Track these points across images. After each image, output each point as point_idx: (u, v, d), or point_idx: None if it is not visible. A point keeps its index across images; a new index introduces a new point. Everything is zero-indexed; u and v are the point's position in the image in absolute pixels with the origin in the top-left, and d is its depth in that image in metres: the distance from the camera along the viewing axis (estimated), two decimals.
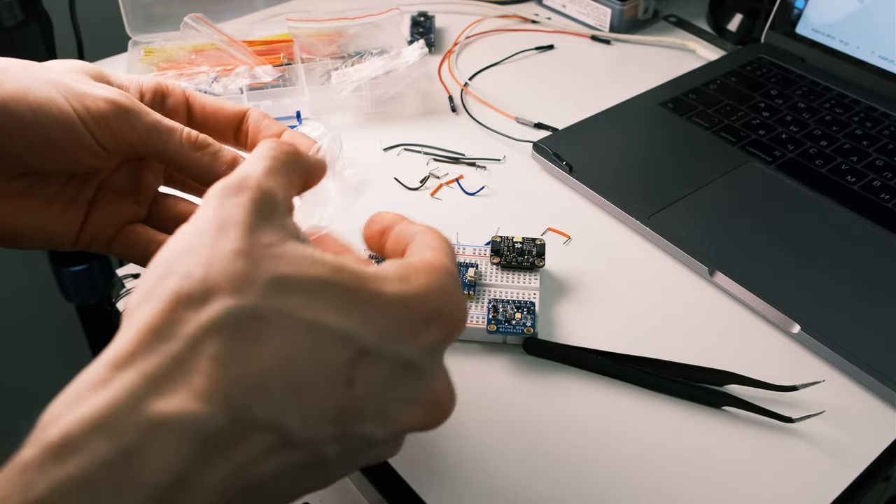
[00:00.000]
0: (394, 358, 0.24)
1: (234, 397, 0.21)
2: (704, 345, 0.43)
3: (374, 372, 0.24)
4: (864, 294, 0.44)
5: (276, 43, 0.66)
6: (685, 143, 0.57)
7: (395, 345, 0.24)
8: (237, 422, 0.21)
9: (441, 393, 0.27)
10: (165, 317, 0.21)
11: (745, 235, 0.49)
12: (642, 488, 0.36)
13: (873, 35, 0.62)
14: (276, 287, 0.22)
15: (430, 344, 0.25)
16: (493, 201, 0.53)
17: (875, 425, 0.39)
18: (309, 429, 0.22)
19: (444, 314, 0.25)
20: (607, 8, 0.73)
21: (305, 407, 0.22)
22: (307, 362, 0.22)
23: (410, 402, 0.25)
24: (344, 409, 0.23)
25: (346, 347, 0.23)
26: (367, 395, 0.23)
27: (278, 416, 0.22)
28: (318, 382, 0.22)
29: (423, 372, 0.25)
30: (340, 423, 0.23)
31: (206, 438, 0.20)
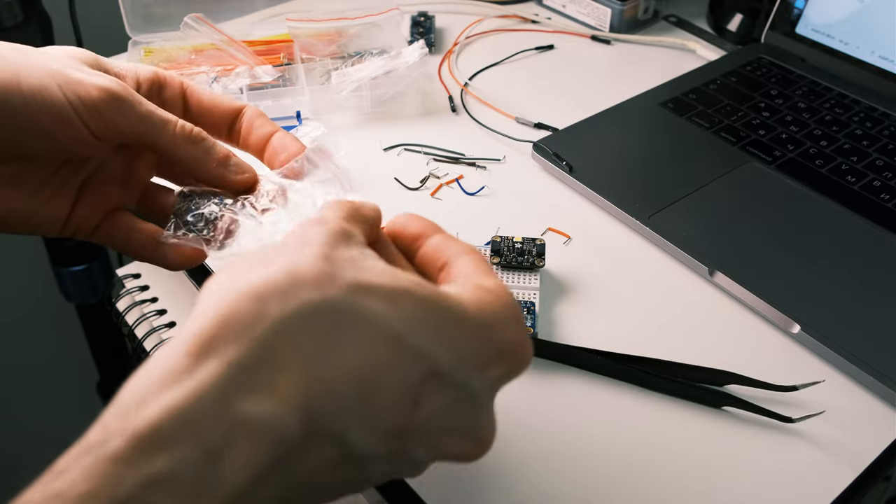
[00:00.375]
0: (461, 386, 0.23)
1: (312, 400, 0.20)
2: (704, 345, 0.43)
3: (441, 396, 0.23)
4: (864, 294, 0.44)
5: (276, 43, 0.66)
6: (685, 143, 0.57)
7: (466, 371, 0.23)
8: (309, 427, 0.20)
9: (487, 430, 0.26)
10: (249, 303, 0.21)
11: (745, 235, 0.49)
12: (642, 488, 0.36)
13: (873, 35, 0.62)
14: (358, 290, 0.22)
15: (497, 377, 0.25)
16: (493, 201, 0.53)
17: (875, 425, 0.39)
18: (367, 442, 0.22)
19: (518, 348, 0.25)
20: (607, 8, 0.73)
21: (370, 419, 0.22)
22: (381, 373, 0.22)
23: (460, 433, 0.25)
24: (403, 429, 0.23)
25: (421, 363, 0.22)
26: (427, 419, 0.23)
27: (343, 425, 0.21)
28: (388, 396, 0.22)
29: (481, 405, 0.25)
30: (396, 440, 0.23)
31: (282, 443, 0.20)
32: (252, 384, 0.20)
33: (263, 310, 0.21)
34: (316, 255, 0.22)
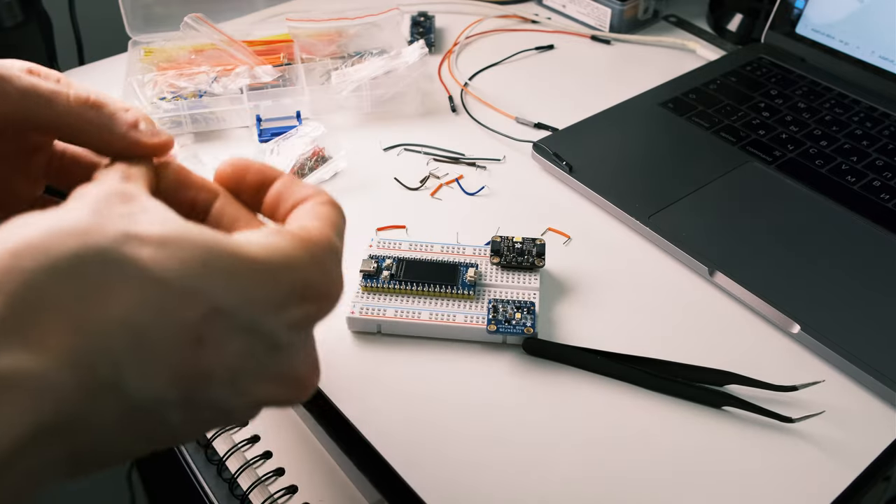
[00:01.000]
0: (251, 326, 0.23)
1: (81, 351, 0.19)
2: (704, 345, 0.43)
3: (228, 336, 0.22)
4: (864, 294, 0.44)
5: (276, 43, 0.66)
6: (685, 143, 0.57)
7: (254, 312, 0.23)
8: (84, 379, 0.19)
9: (302, 371, 0.26)
10: (6, 262, 0.19)
11: (745, 235, 0.49)
12: (642, 488, 0.36)
13: (873, 35, 0.62)
14: (126, 239, 0.21)
15: (296, 320, 0.24)
16: (493, 201, 0.53)
17: (875, 425, 0.39)
18: (148, 389, 0.21)
19: (314, 289, 0.24)
20: (607, 8, 0.73)
21: (145, 363, 0.21)
22: (151, 314, 0.20)
23: (268, 376, 0.24)
24: (190, 369, 0.22)
25: (195, 302, 0.21)
26: (217, 359, 0.22)
27: (119, 374, 0.20)
28: (162, 338, 0.21)
29: (284, 348, 0.24)
30: (185, 384, 0.22)
31: (57, 398, 0.19)
32: (9, 340, 0.19)
33: (16, 263, 0.19)
34: (83, 209, 0.21)
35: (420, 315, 0.42)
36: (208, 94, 0.59)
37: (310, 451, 0.42)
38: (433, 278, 0.43)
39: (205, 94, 0.59)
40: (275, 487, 0.40)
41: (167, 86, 0.59)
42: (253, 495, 0.40)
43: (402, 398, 0.40)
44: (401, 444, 0.37)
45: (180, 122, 0.58)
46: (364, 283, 0.43)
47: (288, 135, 0.55)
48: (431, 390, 0.40)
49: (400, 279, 0.43)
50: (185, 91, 0.59)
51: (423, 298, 0.43)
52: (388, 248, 0.46)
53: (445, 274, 0.44)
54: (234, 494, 0.41)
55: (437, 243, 0.46)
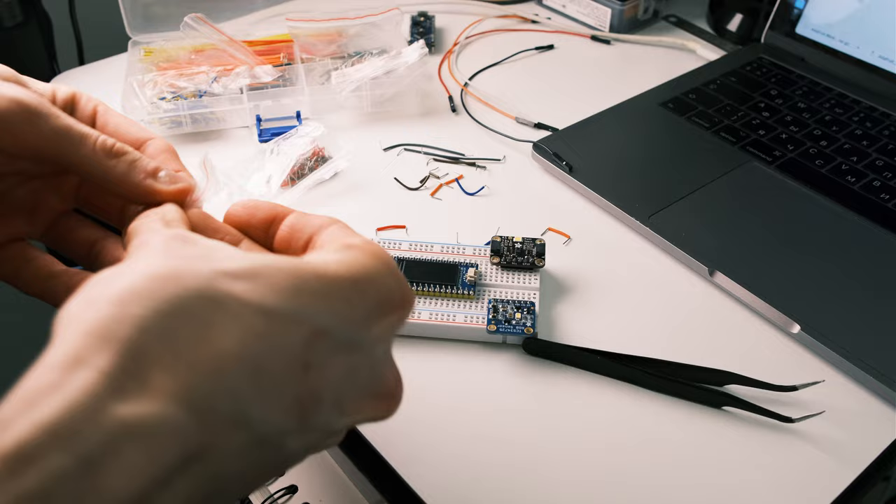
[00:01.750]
0: (349, 343, 0.23)
1: (197, 391, 0.20)
2: (704, 345, 0.43)
3: (332, 355, 0.23)
4: (864, 294, 0.44)
5: (276, 43, 0.66)
6: (685, 142, 0.57)
7: (349, 328, 0.23)
8: (203, 418, 0.20)
9: (391, 384, 0.26)
10: (111, 308, 0.20)
11: (745, 235, 0.49)
12: (642, 488, 0.36)
13: (873, 35, 0.62)
14: (219, 276, 0.21)
15: (384, 331, 0.25)
16: (493, 201, 0.53)
17: (875, 425, 0.39)
18: (272, 418, 0.21)
19: (395, 299, 0.25)
20: (607, 8, 0.73)
21: (266, 394, 0.21)
22: (262, 345, 0.21)
23: (365, 391, 0.25)
24: (303, 396, 0.22)
25: (299, 327, 0.22)
26: (324, 381, 0.23)
27: (241, 407, 0.20)
28: (276, 366, 0.21)
29: (377, 360, 0.25)
30: (301, 411, 0.22)
31: (175, 442, 0.19)
32: (127, 387, 0.19)
33: (126, 311, 0.20)
34: (164, 256, 0.22)
35: (420, 315, 0.42)
36: (208, 94, 0.59)
37: None
38: (433, 278, 0.43)
39: (205, 94, 0.59)
40: (275, 487, 0.40)
41: (167, 86, 0.59)
42: (253, 495, 0.40)
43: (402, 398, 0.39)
44: (401, 444, 0.37)
45: (180, 122, 0.58)
46: None
47: (288, 135, 0.55)
48: (431, 390, 0.40)
49: None
50: (185, 91, 0.59)
51: (423, 298, 0.43)
52: (389, 248, 0.46)
53: (445, 274, 0.44)
54: None
55: (437, 243, 0.46)
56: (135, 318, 0.20)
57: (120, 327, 0.20)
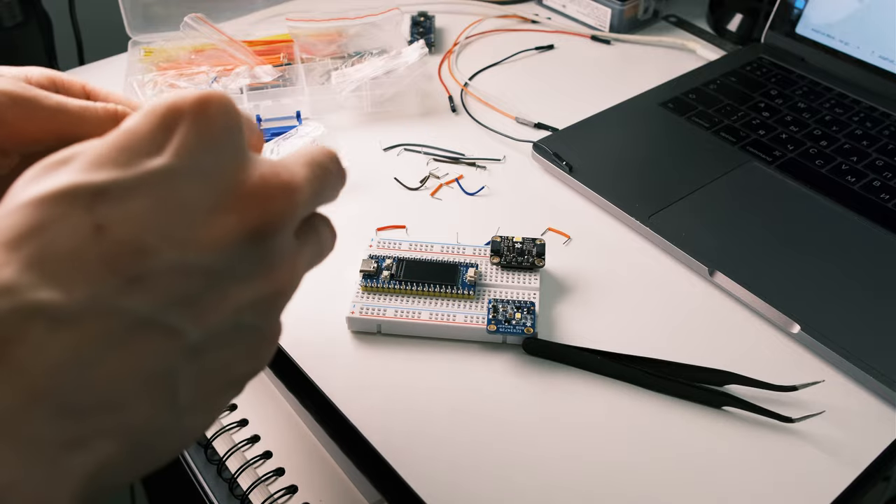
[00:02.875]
0: (139, 179, 0.21)
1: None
2: (704, 345, 0.43)
3: (124, 204, 0.20)
4: (864, 294, 0.44)
5: (276, 43, 0.66)
6: (685, 142, 0.57)
7: (131, 166, 0.21)
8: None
9: (255, 182, 0.22)
10: None
11: (745, 235, 0.49)
12: (642, 488, 0.36)
13: (873, 35, 0.62)
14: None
15: (184, 143, 0.22)
16: (493, 201, 0.53)
17: (875, 425, 0.39)
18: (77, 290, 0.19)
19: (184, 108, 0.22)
20: (607, 8, 0.73)
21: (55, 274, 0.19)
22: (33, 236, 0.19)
23: (211, 209, 0.22)
24: (110, 255, 0.20)
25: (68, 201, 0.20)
26: (131, 229, 0.20)
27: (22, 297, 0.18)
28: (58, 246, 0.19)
29: (206, 173, 0.22)
30: (117, 268, 0.20)
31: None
32: None
33: None
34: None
35: (420, 315, 0.42)
36: None
37: (310, 451, 0.42)
38: (433, 278, 0.43)
39: None
40: (275, 487, 0.40)
41: (167, 86, 0.59)
42: (253, 495, 0.40)
43: (402, 398, 0.40)
44: (401, 444, 0.37)
45: None
46: (364, 283, 0.43)
47: (288, 135, 0.55)
48: (431, 390, 0.40)
49: (400, 279, 0.43)
50: None
51: (423, 298, 0.43)
52: (388, 248, 0.46)
53: (445, 274, 0.44)
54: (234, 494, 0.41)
55: (437, 243, 0.46)
56: None
57: None
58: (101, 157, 0.21)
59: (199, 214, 0.21)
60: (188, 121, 0.22)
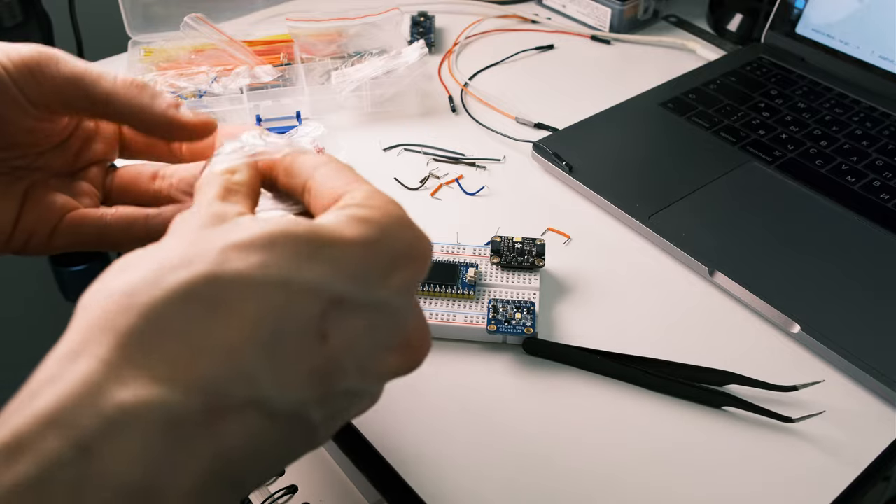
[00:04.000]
0: (368, 304, 0.23)
1: (204, 375, 0.19)
2: (704, 345, 0.43)
3: (349, 322, 0.22)
4: (864, 294, 0.44)
5: (276, 43, 0.66)
6: (685, 142, 0.57)
7: (367, 289, 0.23)
8: (210, 402, 0.19)
9: (416, 334, 0.26)
10: (119, 301, 0.20)
11: (745, 235, 0.49)
12: (642, 488, 0.36)
13: (873, 35, 0.62)
14: (229, 251, 0.21)
15: (403, 284, 0.24)
16: (493, 201, 0.53)
17: (875, 425, 0.39)
18: (289, 396, 0.21)
19: (413, 249, 0.24)
20: (607, 8, 0.73)
21: (281, 372, 0.21)
22: (275, 322, 0.20)
23: (386, 347, 0.24)
24: (321, 367, 0.22)
25: (315, 299, 0.21)
26: (344, 349, 0.22)
27: (255, 389, 0.20)
28: (292, 342, 0.21)
29: (397, 314, 0.24)
30: (320, 383, 0.22)
31: (177, 426, 0.19)
32: (125, 374, 0.19)
33: (132, 301, 0.20)
34: (182, 241, 0.22)
35: None
36: (208, 94, 0.59)
37: None
38: (433, 278, 0.43)
39: (205, 94, 0.59)
40: (275, 487, 0.40)
41: (167, 86, 0.59)
42: (253, 495, 0.40)
43: (402, 398, 0.40)
44: (401, 444, 0.37)
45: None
46: None
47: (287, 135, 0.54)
48: (431, 390, 0.40)
49: None
50: (185, 91, 0.59)
51: (423, 298, 0.43)
52: None
53: (445, 274, 0.44)
54: None
55: (437, 243, 0.46)
56: (141, 306, 0.19)
57: (122, 317, 0.19)
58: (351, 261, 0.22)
59: (380, 349, 0.24)
60: (415, 268, 0.24)
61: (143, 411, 0.18)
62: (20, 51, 0.30)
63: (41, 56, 0.30)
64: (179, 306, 0.20)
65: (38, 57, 0.30)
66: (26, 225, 0.33)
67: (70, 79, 0.30)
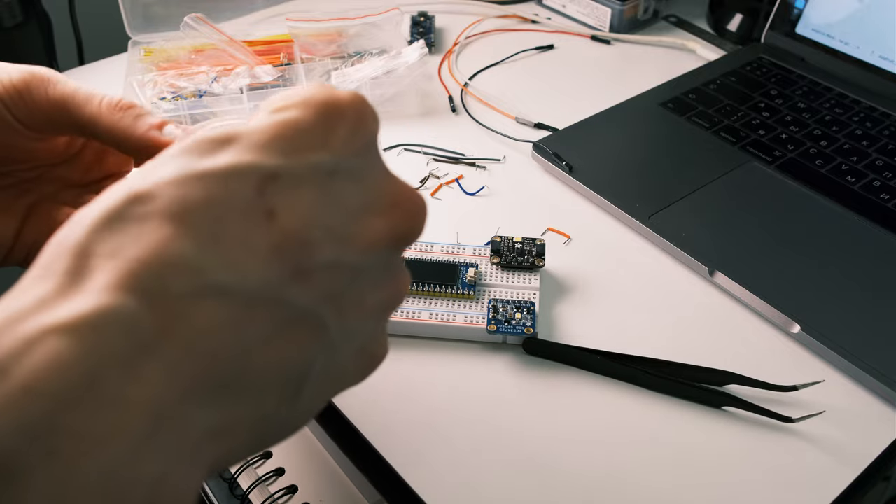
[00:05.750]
0: (308, 170, 0.21)
1: (140, 279, 0.18)
2: (704, 345, 0.43)
3: (294, 193, 0.21)
4: (864, 294, 0.44)
5: (276, 43, 0.66)
6: (685, 143, 0.57)
7: (299, 157, 0.21)
8: (154, 301, 0.18)
9: (394, 189, 0.24)
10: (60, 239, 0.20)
11: (745, 235, 0.49)
12: (642, 488, 0.36)
13: (873, 35, 0.62)
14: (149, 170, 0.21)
15: (345, 142, 0.22)
16: (493, 201, 0.53)
17: (875, 425, 0.39)
18: (250, 277, 0.20)
19: (345, 108, 0.23)
20: (607, 8, 0.73)
21: (228, 255, 0.19)
22: (203, 211, 0.20)
23: (363, 210, 0.22)
24: (280, 244, 0.20)
25: (240, 180, 0.20)
26: (299, 220, 0.21)
27: (201, 276, 0.19)
28: (230, 226, 0.20)
29: (358, 174, 0.23)
30: (283, 258, 0.20)
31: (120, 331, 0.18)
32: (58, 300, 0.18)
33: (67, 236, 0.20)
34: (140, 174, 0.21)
35: (420, 315, 0.42)
36: (208, 94, 0.59)
37: (310, 451, 0.42)
38: (433, 278, 0.43)
39: (205, 94, 0.59)
40: (275, 487, 0.40)
41: (167, 86, 0.59)
42: (253, 495, 0.40)
43: (402, 398, 0.40)
44: (401, 444, 0.37)
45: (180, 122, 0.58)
46: None
47: None
48: (431, 390, 0.40)
49: None
50: (185, 91, 0.59)
51: (423, 298, 0.43)
52: None
53: (445, 274, 0.44)
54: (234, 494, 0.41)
55: (437, 243, 0.46)
56: (70, 241, 0.19)
57: (58, 251, 0.19)
58: (267, 143, 0.21)
59: (354, 214, 0.22)
60: (349, 121, 0.23)
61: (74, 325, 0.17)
62: (11, 74, 0.31)
63: (32, 79, 0.31)
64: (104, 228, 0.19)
65: (29, 80, 0.31)
66: (27, 238, 0.33)
67: (57, 102, 0.31)
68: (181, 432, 0.18)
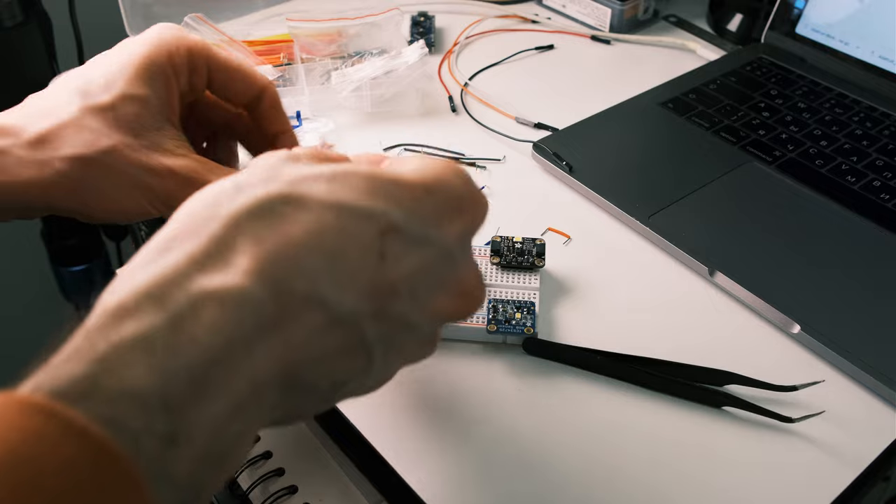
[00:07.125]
0: (422, 238, 0.25)
1: (273, 271, 0.22)
2: (704, 345, 0.43)
3: (405, 249, 0.25)
4: (864, 294, 0.44)
5: (276, 43, 0.66)
6: (685, 143, 0.57)
7: (422, 225, 0.25)
8: (279, 295, 0.22)
9: (470, 282, 0.28)
10: (203, 210, 0.24)
11: (745, 235, 0.49)
12: (642, 488, 0.36)
13: (873, 35, 0.62)
14: (299, 180, 0.24)
15: (457, 231, 0.27)
16: (493, 201, 0.53)
17: (875, 425, 0.39)
18: (347, 299, 0.23)
19: (468, 201, 0.27)
20: (607, 8, 0.73)
21: (341, 277, 0.23)
22: (336, 236, 0.23)
23: (441, 287, 0.27)
24: (378, 283, 0.24)
25: (372, 222, 0.24)
26: (399, 271, 0.25)
27: (316, 287, 0.23)
28: (350, 253, 0.24)
29: (451, 259, 0.27)
30: (376, 297, 0.24)
31: (251, 312, 0.22)
32: (212, 266, 0.22)
33: (215, 211, 0.23)
34: (260, 170, 0.25)
35: None
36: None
37: (310, 451, 0.42)
38: None
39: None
40: (275, 487, 0.40)
41: None
42: (253, 495, 0.40)
43: (402, 398, 0.40)
44: (401, 444, 0.37)
45: None
46: None
47: None
48: (431, 390, 0.40)
49: None
50: None
51: None
52: None
53: None
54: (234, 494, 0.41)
55: None
56: (222, 215, 0.23)
57: (209, 222, 0.23)
58: (407, 199, 0.25)
59: (434, 287, 0.27)
60: (468, 219, 0.27)
61: (224, 295, 0.21)
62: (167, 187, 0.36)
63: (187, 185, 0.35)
64: (254, 216, 0.23)
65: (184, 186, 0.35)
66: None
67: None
68: (260, 407, 0.22)
